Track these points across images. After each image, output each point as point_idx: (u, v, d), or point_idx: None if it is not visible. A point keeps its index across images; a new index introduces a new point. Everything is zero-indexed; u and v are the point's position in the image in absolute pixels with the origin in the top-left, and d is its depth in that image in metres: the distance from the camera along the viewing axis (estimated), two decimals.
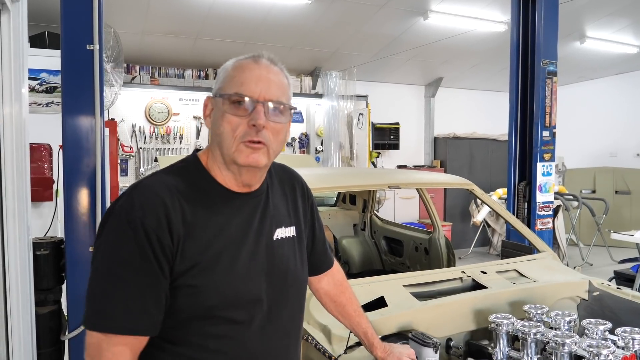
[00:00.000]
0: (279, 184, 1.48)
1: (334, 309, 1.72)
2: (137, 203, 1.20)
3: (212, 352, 1.25)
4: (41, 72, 4.68)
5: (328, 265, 1.70)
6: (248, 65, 1.29)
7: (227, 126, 1.25)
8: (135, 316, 1.16)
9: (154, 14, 6.40)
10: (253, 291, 1.29)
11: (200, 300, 1.22)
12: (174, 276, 1.20)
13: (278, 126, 1.29)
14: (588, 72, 9.80)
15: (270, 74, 1.29)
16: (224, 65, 1.33)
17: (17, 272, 2.53)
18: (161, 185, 1.25)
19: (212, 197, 1.30)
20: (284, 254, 1.39)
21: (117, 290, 1.16)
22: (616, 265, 7.32)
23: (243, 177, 1.31)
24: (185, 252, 1.20)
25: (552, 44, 4.45)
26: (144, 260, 1.16)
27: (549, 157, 4.44)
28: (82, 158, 2.81)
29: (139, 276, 1.16)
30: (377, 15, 6.82)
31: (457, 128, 10.01)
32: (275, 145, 1.30)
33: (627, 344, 1.86)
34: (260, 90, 1.26)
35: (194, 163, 1.34)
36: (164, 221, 1.18)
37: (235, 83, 1.26)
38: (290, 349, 1.41)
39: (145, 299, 1.17)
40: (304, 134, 8.91)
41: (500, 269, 2.72)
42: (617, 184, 9.59)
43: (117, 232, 1.19)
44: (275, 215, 1.40)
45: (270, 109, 1.26)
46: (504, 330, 2.00)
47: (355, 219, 4.97)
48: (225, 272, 1.25)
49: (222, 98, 1.27)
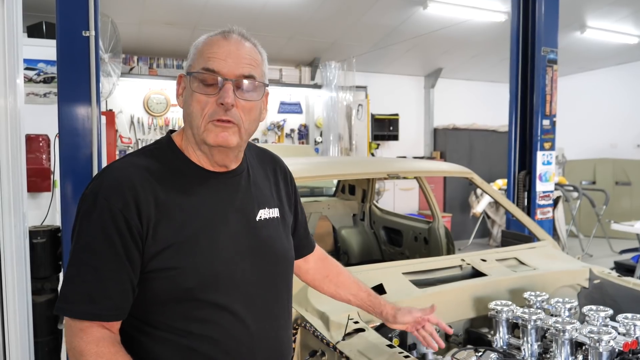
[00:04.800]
0: (260, 165, 1.46)
1: (329, 283, 1.70)
2: (104, 185, 1.18)
3: (196, 337, 1.22)
4: (38, 62, 4.67)
5: (310, 248, 1.68)
6: (218, 41, 1.24)
7: (196, 105, 1.22)
8: (97, 301, 1.14)
9: (151, 4, 6.35)
10: (234, 273, 1.26)
11: (178, 282, 1.19)
12: (147, 259, 1.18)
13: (249, 104, 1.25)
14: (588, 62, 9.75)
15: (241, 50, 1.24)
16: (195, 42, 1.29)
17: (12, 260, 2.51)
18: (130, 166, 1.23)
19: (188, 178, 1.27)
20: (269, 234, 1.36)
21: (80, 275, 1.15)
22: (616, 256, 7.31)
23: (215, 158, 1.28)
24: (158, 234, 1.18)
25: (553, 32, 4.42)
26: (108, 244, 1.15)
27: (549, 146, 4.42)
28: (78, 146, 2.80)
29: (102, 261, 1.15)
30: (376, 5, 6.78)
31: (456, 119, 9.98)
32: (248, 123, 1.26)
33: (629, 330, 1.85)
34: (229, 67, 1.22)
35: (167, 144, 1.32)
36: (131, 202, 1.16)
37: (204, 59, 1.23)
38: (280, 331, 1.38)
39: (108, 283, 1.15)
40: (303, 125, 8.88)
41: (500, 257, 2.71)
42: (617, 174, 9.57)
43: (84, 215, 1.18)
44: (257, 196, 1.37)
45: (241, 87, 1.23)
46: (503, 318, 1.99)
47: (355, 209, 4.95)
48: (204, 252, 1.22)
49: (190, 76, 1.24)
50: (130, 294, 1.18)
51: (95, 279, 1.14)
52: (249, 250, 1.30)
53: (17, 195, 2.60)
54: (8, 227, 2.52)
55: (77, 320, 1.14)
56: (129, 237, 1.16)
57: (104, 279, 1.15)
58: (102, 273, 1.15)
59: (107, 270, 1.15)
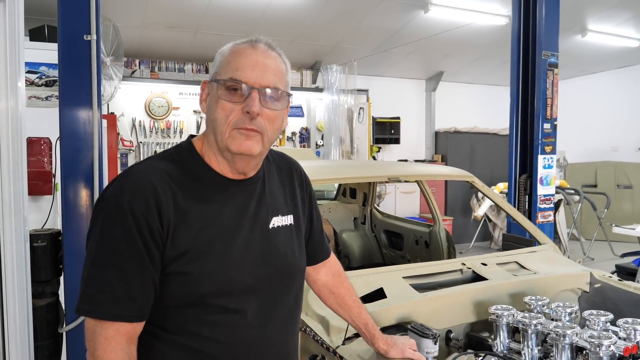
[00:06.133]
0: (277, 172, 1.47)
1: (332, 300, 1.69)
2: (126, 188, 1.19)
3: (207, 340, 1.23)
4: (40, 66, 4.67)
5: (325, 255, 1.68)
6: (245, 50, 1.26)
7: (221, 112, 1.23)
8: (121, 302, 1.15)
9: (153, 8, 6.36)
10: (247, 280, 1.28)
11: (193, 288, 1.20)
12: (165, 262, 1.19)
13: (273, 113, 1.27)
14: (590, 65, 9.75)
15: (267, 60, 1.26)
16: (221, 49, 1.30)
17: (13, 263, 2.51)
18: (152, 170, 1.24)
19: (206, 184, 1.28)
20: (280, 242, 1.37)
21: (104, 277, 1.16)
22: (618, 259, 7.28)
23: (237, 165, 1.29)
24: (177, 239, 1.19)
25: (553, 36, 4.42)
26: (131, 247, 1.15)
27: (550, 150, 4.42)
28: (79, 149, 2.79)
29: (126, 262, 1.16)
30: (377, 9, 6.79)
31: (458, 122, 9.97)
32: (271, 132, 1.27)
33: (629, 334, 1.84)
34: (256, 77, 1.23)
35: (187, 149, 1.33)
36: (153, 206, 1.17)
37: (231, 68, 1.24)
38: (288, 337, 1.39)
39: (132, 285, 1.16)
40: (305, 128, 8.88)
41: (500, 261, 2.70)
42: (618, 178, 9.56)
43: (106, 217, 1.18)
44: (271, 204, 1.38)
45: (266, 96, 1.24)
46: (504, 322, 1.98)
47: (356, 213, 4.95)
48: (219, 259, 1.23)
49: (217, 83, 1.25)
50: (153, 295, 1.20)
51: (120, 280, 1.16)
52: (262, 258, 1.31)
53: (18, 198, 2.61)
54: (9, 231, 2.53)
55: (102, 321, 1.15)
56: (151, 240, 1.17)
57: (128, 280, 1.16)
58: (126, 275, 1.16)
59: (132, 272, 1.16)
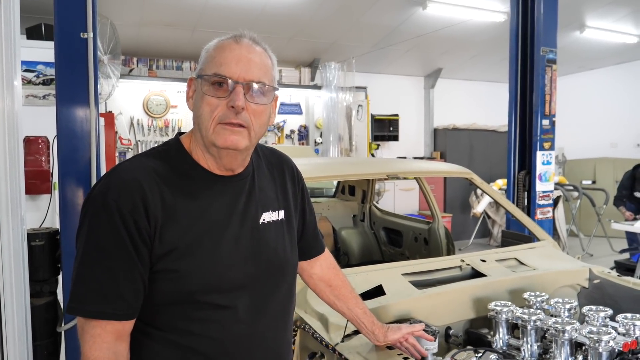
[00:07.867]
0: (267, 167, 1.46)
1: (329, 293, 1.69)
2: (112, 186, 1.19)
3: (197, 337, 1.23)
4: (38, 64, 4.66)
5: (319, 250, 1.68)
6: (229, 45, 1.26)
7: (206, 107, 1.23)
8: (110, 301, 1.15)
9: (151, 5, 6.35)
10: (237, 276, 1.27)
11: (182, 285, 1.21)
12: (154, 260, 1.19)
13: (259, 108, 1.26)
14: (588, 62, 9.75)
15: (252, 54, 1.26)
16: (206, 45, 1.30)
17: (10, 262, 2.50)
18: (139, 167, 1.24)
19: (194, 181, 1.28)
20: (271, 237, 1.36)
21: (92, 275, 1.16)
22: (616, 255, 7.30)
23: (223, 161, 1.29)
24: (165, 236, 1.19)
25: (552, 32, 4.42)
26: (119, 245, 1.15)
27: (549, 146, 4.41)
28: (76, 148, 2.79)
29: (114, 261, 1.16)
30: (375, 6, 6.78)
31: (456, 119, 9.97)
32: (257, 127, 1.27)
33: (628, 330, 1.84)
34: (240, 71, 1.23)
35: (175, 146, 1.32)
36: (139, 204, 1.17)
37: (215, 64, 1.24)
38: (279, 332, 1.39)
39: (120, 283, 1.16)
40: (303, 126, 8.87)
41: (499, 257, 2.70)
42: (617, 174, 9.55)
43: (93, 216, 1.18)
44: (261, 199, 1.37)
45: (251, 90, 1.24)
46: (503, 318, 1.98)
47: (355, 210, 4.94)
48: (207, 256, 1.23)
49: (202, 79, 1.25)
50: (142, 293, 1.20)
51: (108, 278, 1.15)
52: (252, 254, 1.31)
53: (15, 197, 2.59)
54: (6, 230, 2.51)
55: (89, 319, 1.15)
56: (139, 238, 1.17)
57: (117, 278, 1.16)
58: (114, 273, 1.16)
59: (120, 270, 1.16)
